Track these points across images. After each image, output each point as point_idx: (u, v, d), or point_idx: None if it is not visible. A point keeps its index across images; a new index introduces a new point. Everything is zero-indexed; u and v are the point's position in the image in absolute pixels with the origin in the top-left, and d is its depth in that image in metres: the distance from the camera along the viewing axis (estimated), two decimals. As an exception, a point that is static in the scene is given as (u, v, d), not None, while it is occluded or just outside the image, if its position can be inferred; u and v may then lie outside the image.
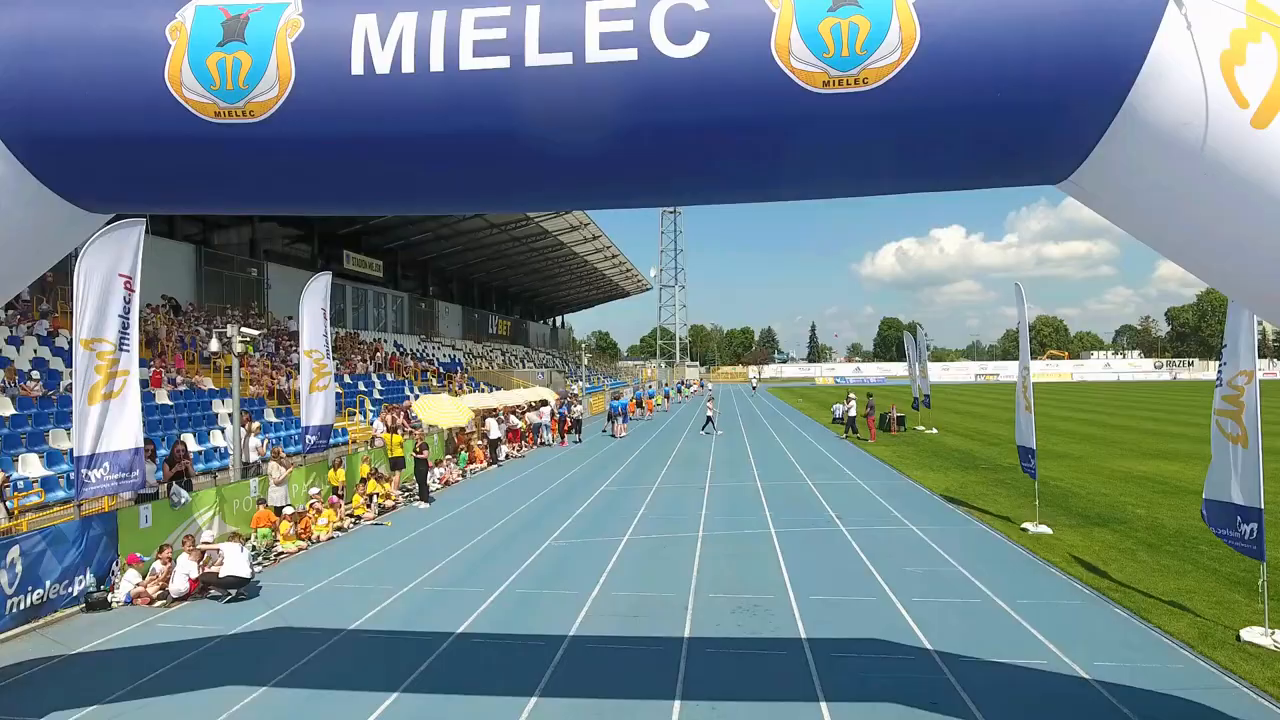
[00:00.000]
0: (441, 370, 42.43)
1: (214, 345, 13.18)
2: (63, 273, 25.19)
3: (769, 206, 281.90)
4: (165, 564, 10.33)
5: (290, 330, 36.31)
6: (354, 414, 24.54)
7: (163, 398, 20.35)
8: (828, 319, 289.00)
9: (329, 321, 15.72)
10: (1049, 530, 13.26)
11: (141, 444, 10.67)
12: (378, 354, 39.64)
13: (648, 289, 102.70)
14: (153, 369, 21.58)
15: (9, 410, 15.97)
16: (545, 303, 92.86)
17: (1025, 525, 13.55)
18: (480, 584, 10.64)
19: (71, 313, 10.27)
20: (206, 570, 10.08)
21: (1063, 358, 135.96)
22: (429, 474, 18.84)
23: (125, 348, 10.30)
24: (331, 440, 16.15)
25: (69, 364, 20.05)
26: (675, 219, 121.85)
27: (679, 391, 70.62)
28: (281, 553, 12.33)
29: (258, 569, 11.27)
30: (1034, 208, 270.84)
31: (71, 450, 11.01)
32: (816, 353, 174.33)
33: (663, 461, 23.42)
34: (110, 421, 10.21)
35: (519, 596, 10.13)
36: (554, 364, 69.26)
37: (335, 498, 14.51)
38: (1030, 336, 15.44)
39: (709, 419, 33.05)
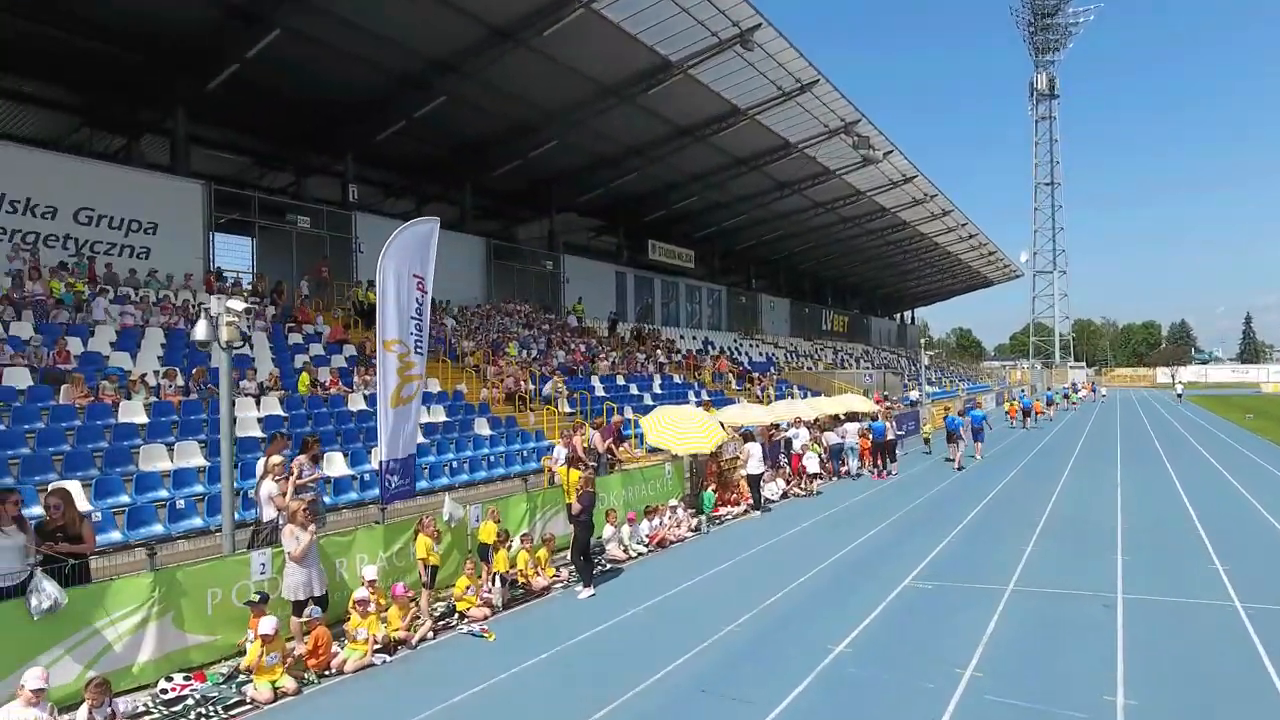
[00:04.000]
0: (747, 370, 36.22)
1: (200, 331, 8.27)
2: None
3: (1168, 177, 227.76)
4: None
5: (574, 327, 32.91)
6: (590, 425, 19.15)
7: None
8: (1263, 311, 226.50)
9: (426, 293, 10.01)
10: None
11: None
12: (674, 352, 34.68)
13: (1017, 276, 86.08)
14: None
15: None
16: (891, 295, 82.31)
17: None
18: None
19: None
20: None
21: None
22: (630, 530, 12.49)
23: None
24: (415, 483, 10.45)
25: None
26: (1053, 191, 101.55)
27: (1066, 397, 55.86)
28: (244, 702, 6.84)
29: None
30: None
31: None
32: (1252, 351, 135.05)
33: (1028, 527, 14.24)
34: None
35: None
36: (895, 365, 59.32)
37: (403, 588, 8.66)
38: None
39: None
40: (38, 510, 8.22)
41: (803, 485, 18.39)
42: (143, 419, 12.81)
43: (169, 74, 21.56)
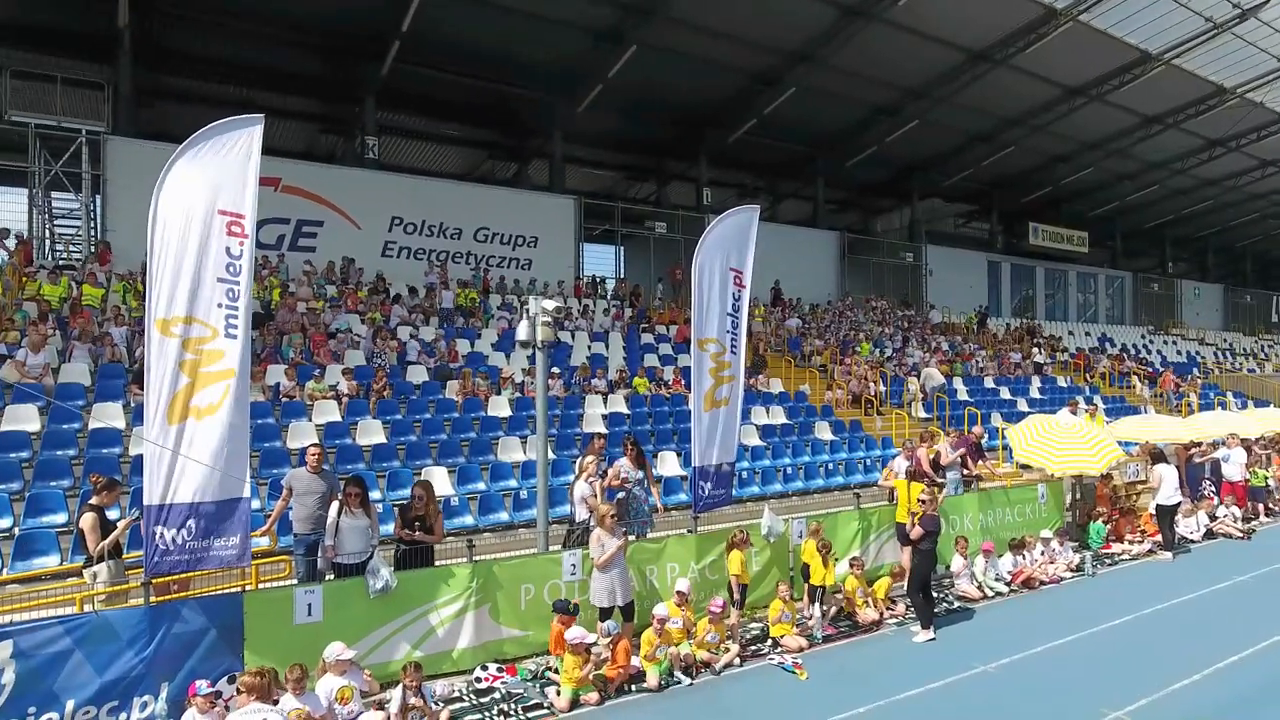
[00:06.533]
0: (1157, 372, 29.86)
1: (521, 331, 8.44)
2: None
3: None
4: (293, 691, 5.88)
5: (936, 323, 30.08)
6: (945, 435, 16.88)
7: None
8: None
9: (745, 288, 9.27)
10: None
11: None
12: (1059, 350, 29.95)
13: None
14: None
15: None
16: (1382, 275, 62.44)
17: None
18: None
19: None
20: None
21: None
22: (986, 564, 10.52)
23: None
24: (732, 492, 9.59)
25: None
26: None
27: None
28: (541, 706, 6.77)
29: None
30: None
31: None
32: None
33: None
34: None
35: None
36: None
37: (721, 603, 8.04)
38: None
39: None
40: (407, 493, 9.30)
41: (1236, 523, 14.20)
42: (506, 412, 14.14)
43: (549, 103, 24.02)
